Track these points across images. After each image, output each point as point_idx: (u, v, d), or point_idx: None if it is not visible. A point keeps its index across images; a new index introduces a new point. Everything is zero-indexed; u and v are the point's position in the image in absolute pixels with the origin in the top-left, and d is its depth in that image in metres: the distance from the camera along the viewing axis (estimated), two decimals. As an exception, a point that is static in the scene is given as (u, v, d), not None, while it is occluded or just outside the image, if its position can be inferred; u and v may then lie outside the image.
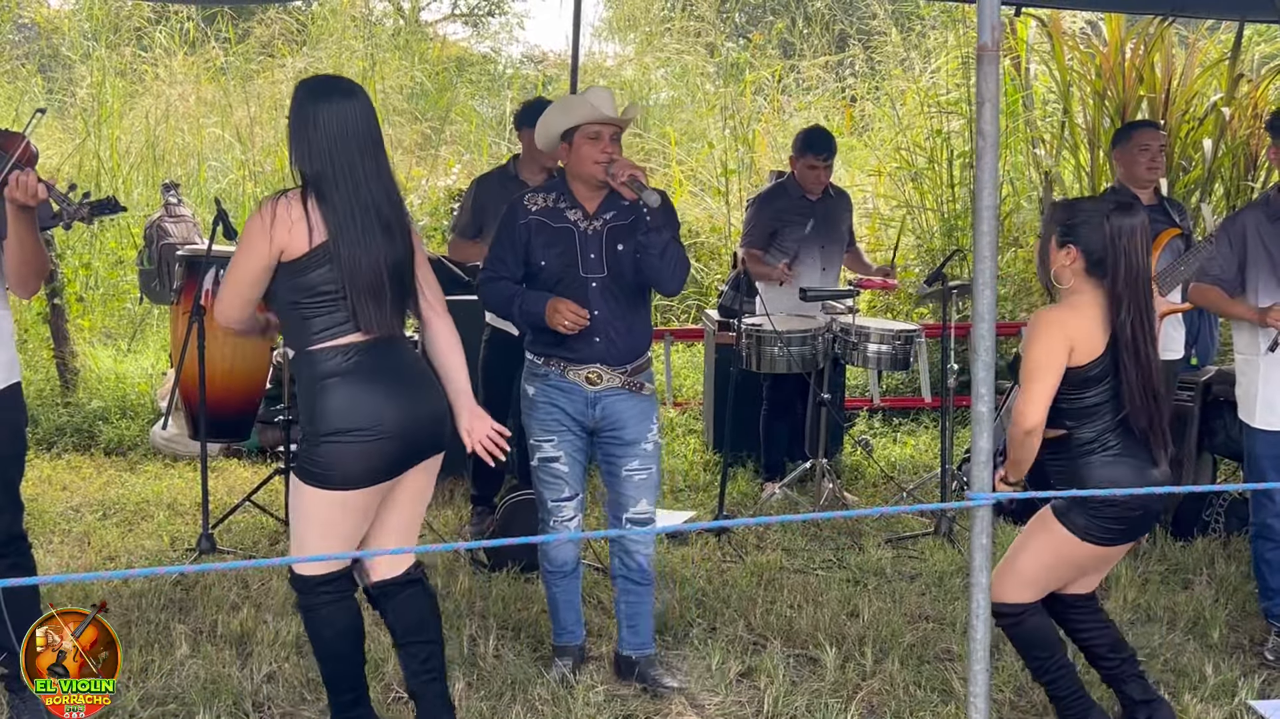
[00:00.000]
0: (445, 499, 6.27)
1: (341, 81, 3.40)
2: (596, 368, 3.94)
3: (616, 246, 3.92)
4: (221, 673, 4.06)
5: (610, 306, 3.93)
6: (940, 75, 10.97)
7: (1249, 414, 4.52)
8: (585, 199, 3.96)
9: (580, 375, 3.95)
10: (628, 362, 3.99)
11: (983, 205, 2.70)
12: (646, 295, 4.10)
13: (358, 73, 12.22)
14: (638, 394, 4.01)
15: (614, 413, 3.99)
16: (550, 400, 4.00)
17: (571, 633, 4.21)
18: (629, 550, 4.07)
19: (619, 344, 3.96)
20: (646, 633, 4.14)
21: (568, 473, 4.03)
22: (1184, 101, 8.54)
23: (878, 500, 6.44)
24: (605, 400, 3.97)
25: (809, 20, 14.18)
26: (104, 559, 5.33)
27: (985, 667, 2.84)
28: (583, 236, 3.92)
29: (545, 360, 4.01)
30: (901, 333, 6.02)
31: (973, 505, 2.78)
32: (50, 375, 8.08)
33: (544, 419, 4.03)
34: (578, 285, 3.91)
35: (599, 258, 3.92)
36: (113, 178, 10.58)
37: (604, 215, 3.95)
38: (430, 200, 10.91)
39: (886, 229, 10.34)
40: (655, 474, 4.07)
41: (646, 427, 4.02)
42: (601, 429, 4.02)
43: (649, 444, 4.03)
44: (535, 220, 3.95)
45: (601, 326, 3.92)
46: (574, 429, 4.01)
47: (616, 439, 4.01)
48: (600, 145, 3.87)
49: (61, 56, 12.84)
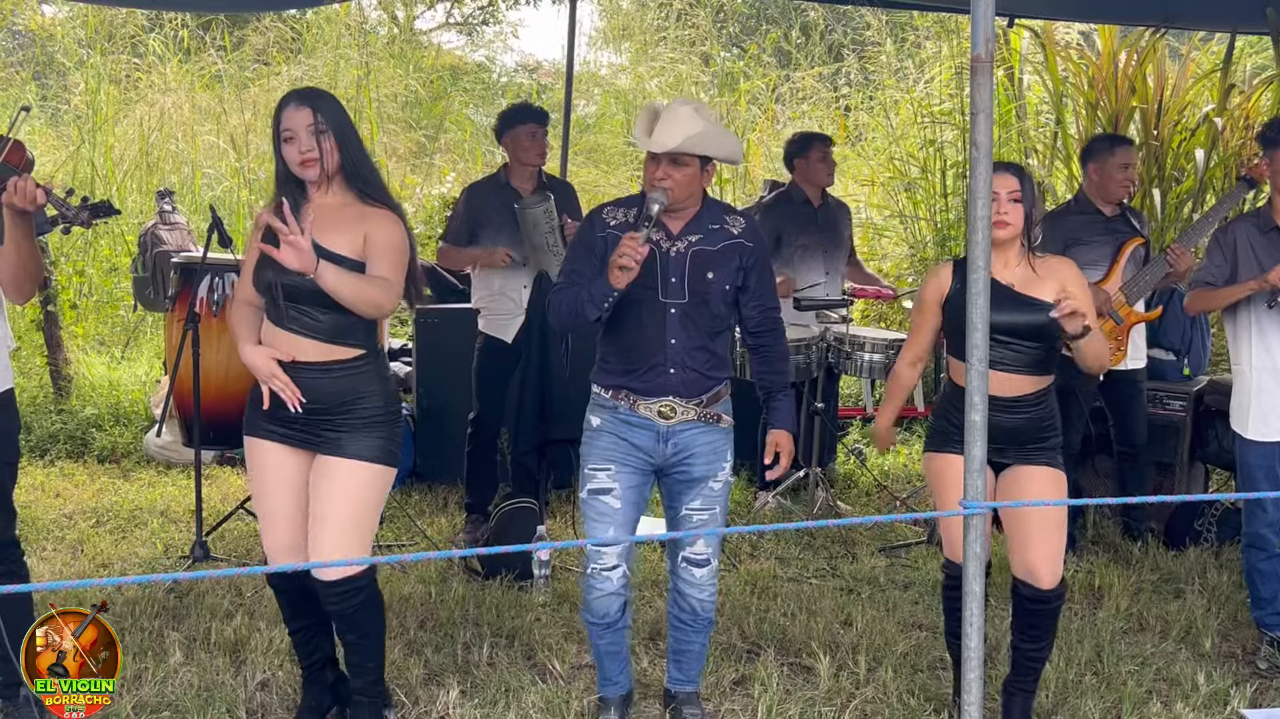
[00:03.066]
0: (440, 507, 6.27)
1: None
2: (670, 400, 3.60)
3: (706, 275, 3.60)
4: (215, 680, 4.06)
5: (689, 335, 3.60)
6: (934, 86, 11.01)
7: (1242, 425, 4.54)
8: (669, 219, 3.61)
9: (652, 410, 3.61)
10: (703, 392, 3.65)
11: (976, 215, 2.71)
12: (728, 324, 3.74)
13: (352, 81, 12.23)
14: (714, 425, 3.69)
15: (687, 448, 3.64)
16: (618, 433, 3.64)
17: (615, 684, 3.87)
18: (683, 593, 3.77)
19: (694, 375, 3.62)
20: (691, 671, 3.92)
21: (618, 511, 3.62)
22: (1176, 112, 8.57)
23: (871, 509, 6.45)
24: (679, 435, 3.63)
25: (804, 30, 14.22)
26: (97, 566, 5.32)
27: (979, 675, 2.84)
28: (664, 258, 3.59)
29: (614, 394, 3.65)
30: (895, 342, 6.04)
31: (966, 514, 2.79)
32: (44, 382, 8.07)
33: (606, 448, 3.65)
34: (656, 310, 3.59)
35: (680, 282, 3.58)
36: (107, 185, 10.58)
37: (689, 237, 3.62)
38: (425, 209, 10.92)
39: (879, 238, 10.36)
40: (719, 516, 3.71)
41: (718, 465, 3.68)
42: (670, 467, 3.68)
43: (717, 483, 3.69)
44: (614, 235, 3.59)
45: (678, 357, 3.59)
46: (639, 465, 3.64)
47: (684, 474, 3.67)
48: (657, 168, 3.55)
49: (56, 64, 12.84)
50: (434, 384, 6.63)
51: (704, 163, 3.56)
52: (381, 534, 5.74)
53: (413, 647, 4.41)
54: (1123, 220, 5.48)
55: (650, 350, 3.60)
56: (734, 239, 3.65)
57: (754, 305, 3.72)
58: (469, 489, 5.85)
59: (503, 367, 5.69)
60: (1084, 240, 5.39)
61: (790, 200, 6.39)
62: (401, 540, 5.71)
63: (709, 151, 3.53)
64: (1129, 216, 5.54)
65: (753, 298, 3.71)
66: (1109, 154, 5.43)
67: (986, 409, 2.78)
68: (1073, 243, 5.39)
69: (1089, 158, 5.52)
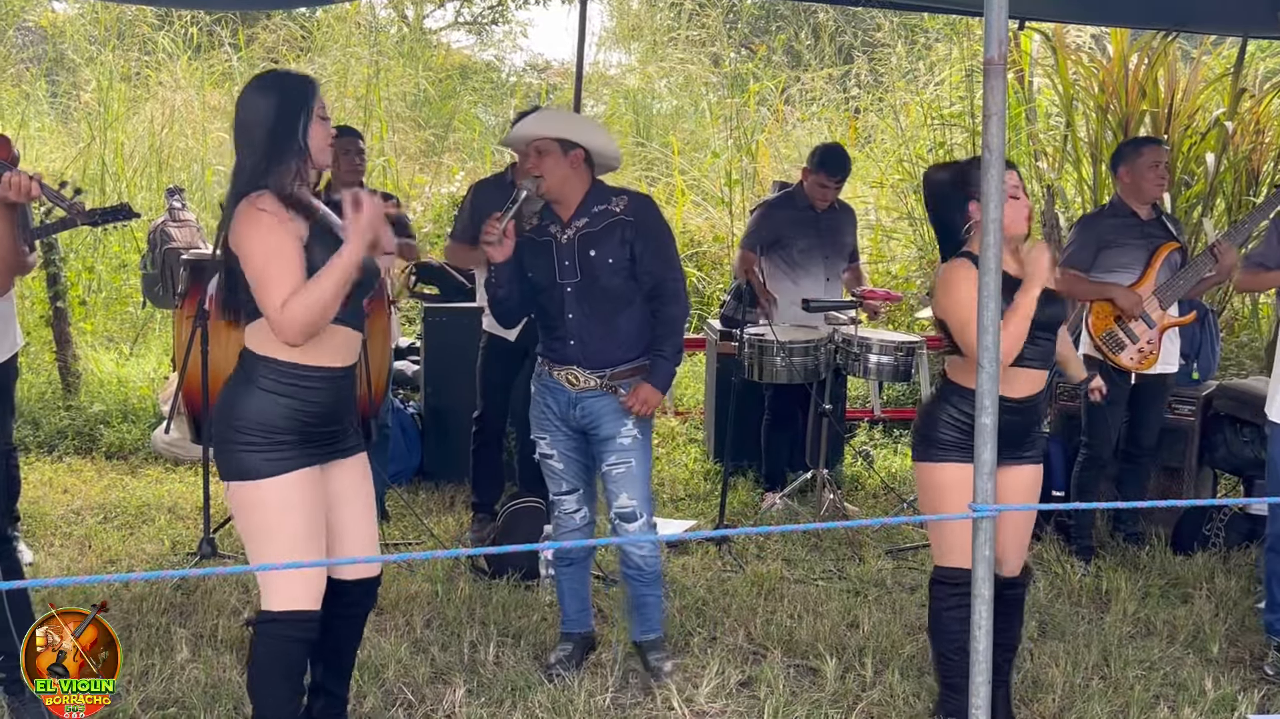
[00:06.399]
0: (446, 506, 6.28)
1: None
2: (574, 370, 4.07)
3: (589, 253, 4.02)
4: (222, 677, 4.06)
5: (584, 310, 4.04)
6: (944, 88, 11.00)
7: (1273, 408, 4.42)
8: (559, 209, 4.08)
9: (562, 376, 4.09)
10: (606, 367, 4.06)
11: (989, 218, 2.70)
12: (633, 306, 4.10)
13: (362, 80, 12.25)
14: (614, 396, 4.07)
15: (592, 412, 4.08)
16: (543, 399, 4.17)
17: (575, 621, 4.34)
18: (625, 549, 4.23)
19: (593, 348, 4.05)
20: (651, 621, 4.28)
21: (563, 469, 4.18)
22: (1186, 116, 8.56)
23: (878, 511, 6.44)
24: (585, 401, 4.08)
25: (814, 32, 14.21)
26: (105, 563, 5.33)
27: (987, 679, 2.84)
28: (558, 245, 4.05)
29: (541, 360, 4.19)
30: (903, 344, 6.03)
31: (975, 517, 2.78)
32: (52, 378, 8.08)
33: (538, 417, 4.20)
34: (555, 290, 4.06)
35: (572, 264, 4.03)
36: (117, 182, 10.60)
37: (576, 223, 4.06)
38: (434, 207, 10.93)
39: (888, 240, 10.35)
40: (636, 468, 4.10)
41: (621, 422, 4.07)
42: (585, 429, 4.13)
43: (625, 439, 4.07)
44: (526, 239, 4.08)
45: (575, 330, 4.05)
46: (562, 428, 4.15)
47: (595, 435, 4.12)
48: (526, 162, 4.08)
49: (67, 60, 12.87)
50: (441, 382, 6.63)
51: (565, 149, 3.98)
52: (388, 533, 5.74)
53: (419, 645, 4.41)
54: (1158, 225, 5.48)
55: (555, 324, 4.10)
56: (615, 217, 4.04)
57: (645, 273, 4.08)
58: (475, 488, 5.85)
59: (506, 365, 5.69)
60: (1118, 244, 5.40)
61: (793, 203, 6.37)
62: (408, 539, 5.72)
63: (564, 134, 3.98)
64: (1165, 221, 5.54)
65: (642, 267, 4.06)
66: (1136, 155, 5.45)
67: (997, 411, 2.77)
68: (1106, 246, 5.40)
69: (1119, 162, 5.54)
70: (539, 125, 4.06)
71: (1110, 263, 5.44)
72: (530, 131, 4.04)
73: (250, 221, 3.05)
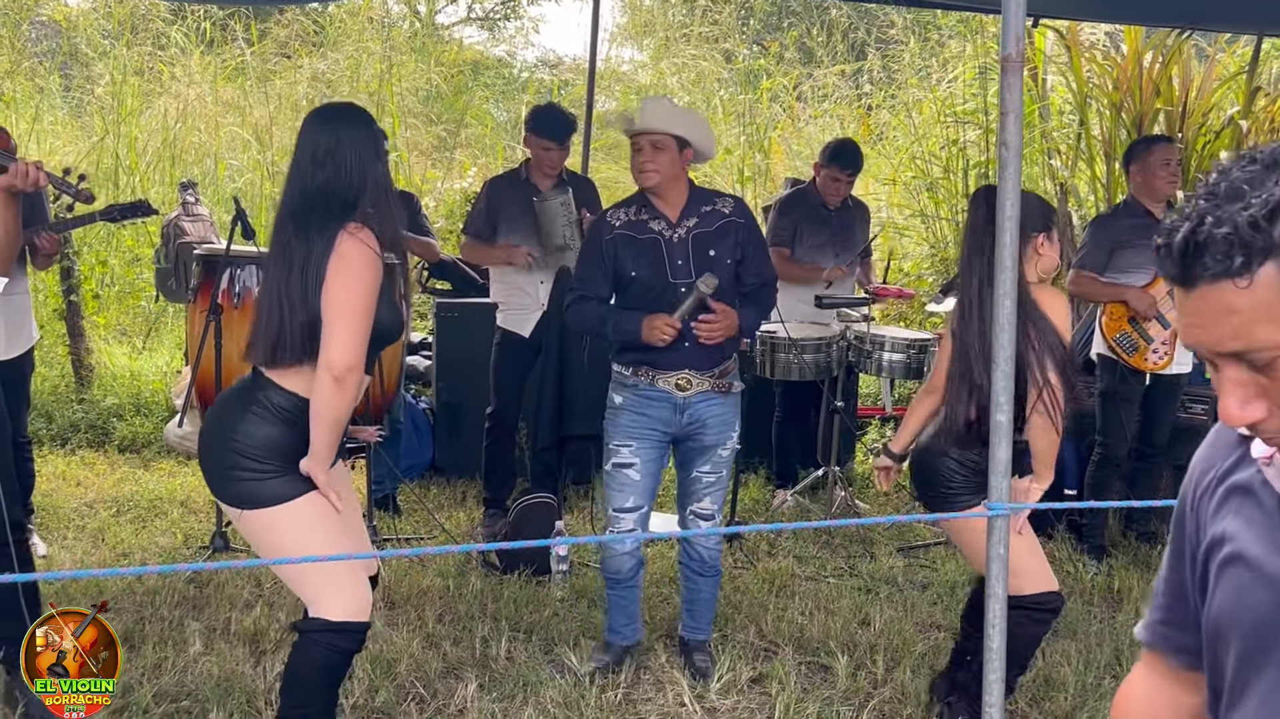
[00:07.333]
0: (458, 501, 6.29)
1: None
2: (686, 374, 3.99)
3: (708, 252, 3.98)
4: (235, 670, 4.08)
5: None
6: (957, 85, 10.97)
7: None
8: (664, 207, 4.03)
9: (670, 382, 4.00)
10: (716, 364, 4.03)
11: (1005, 216, 2.70)
12: (733, 298, 4.05)
13: (374, 75, 12.25)
14: (726, 395, 4.06)
15: (700, 418, 4.03)
16: (637, 409, 4.03)
17: (619, 633, 4.28)
18: (691, 542, 4.18)
19: (706, 348, 3.97)
20: (703, 619, 4.30)
21: (638, 483, 4.05)
22: (1201, 114, 8.52)
23: (889, 509, 6.43)
24: (695, 406, 4.02)
25: (826, 28, 14.18)
26: (118, 556, 5.35)
27: (1000, 677, 2.84)
28: (669, 244, 3.99)
29: (634, 370, 4.04)
30: (915, 342, 6.02)
31: (989, 515, 2.78)
32: (65, 372, 8.11)
33: (628, 425, 4.04)
34: (667, 291, 3.96)
35: (686, 263, 3.97)
36: (130, 176, 10.62)
37: (686, 223, 4.02)
38: (446, 203, 10.93)
39: (901, 237, 10.33)
40: (725, 479, 4.16)
41: (727, 434, 4.09)
42: (688, 436, 4.08)
43: (726, 451, 4.10)
44: (621, 236, 4.03)
45: (690, 332, 3.93)
46: (657, 439, 4.05)
47: (697, 443, 4.07)
48: (641, 155, 4.00)
49: (80, 54, 12.89)
50: (454, 378, 6.64)
51: (681, 147, 3.97)
52: (400, 527, 5.76)
53: (431, 640, 4.42)
54: None
55: None
56: (727, 218, 4.05)
57: (753, 274, 4.09)
58: (487, 484, 5.86)
59: (520, 361, 5.70)
60: (1132, 244, 5.38)
61: (806, 200, 6.38)
62: (420, 534, 5.72)
63: (684, 133, 3.94)
64: None
65: (749, 269, 4.08)
66: (1147, 153, 5.45)
67: (1012, 408, 2.77)
68: (1120, 246, 5.39)
69: (1130, 161, 5.54)
70: (667, 120, 3.96)
71: (1124, 263, 5.43)
72: (658, 125, 3.94)
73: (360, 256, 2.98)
